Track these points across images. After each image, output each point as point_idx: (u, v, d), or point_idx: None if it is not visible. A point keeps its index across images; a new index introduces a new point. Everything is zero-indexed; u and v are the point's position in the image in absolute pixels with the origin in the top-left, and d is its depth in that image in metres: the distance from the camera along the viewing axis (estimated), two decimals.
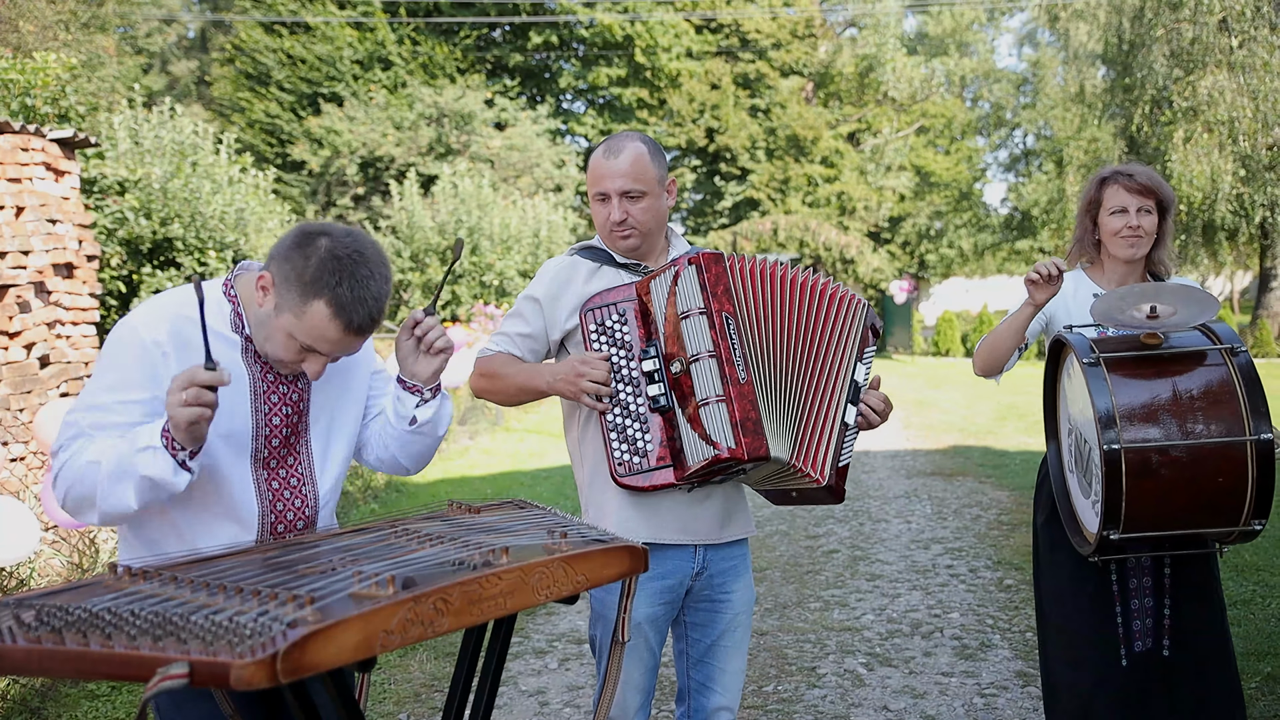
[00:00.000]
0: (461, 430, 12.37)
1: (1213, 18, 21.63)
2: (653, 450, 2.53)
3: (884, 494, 8.75)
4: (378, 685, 4.53)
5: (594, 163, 2.70)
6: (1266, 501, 2.63)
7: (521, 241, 20.22)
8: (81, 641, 1.45)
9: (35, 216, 6.14)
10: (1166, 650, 2.94)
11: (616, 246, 2.72)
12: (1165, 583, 2.96)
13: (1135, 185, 3.08)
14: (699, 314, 2.48)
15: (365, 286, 1.97)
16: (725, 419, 2.42)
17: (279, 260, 2.01)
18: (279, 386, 2.14)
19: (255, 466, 2.12)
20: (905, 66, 33.63)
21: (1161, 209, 3.12)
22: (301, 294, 1.97)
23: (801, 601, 5.66)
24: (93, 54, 18.31)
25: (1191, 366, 2.72)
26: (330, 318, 1.97)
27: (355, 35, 28.97)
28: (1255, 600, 5.34)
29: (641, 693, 2.73)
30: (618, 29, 30.88)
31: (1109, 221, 3.11)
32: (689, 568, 2.70)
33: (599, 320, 2.60)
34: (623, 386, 2.56)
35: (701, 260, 2.51)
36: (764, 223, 29.88)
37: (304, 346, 2.02)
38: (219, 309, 2.10)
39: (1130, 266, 3.16)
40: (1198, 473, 2.60)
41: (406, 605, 1.52)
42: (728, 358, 2.46)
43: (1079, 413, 2.84)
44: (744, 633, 2.82)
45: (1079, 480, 2.89)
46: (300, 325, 1.99)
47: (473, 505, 2.28)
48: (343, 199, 26.70)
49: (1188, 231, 23.99)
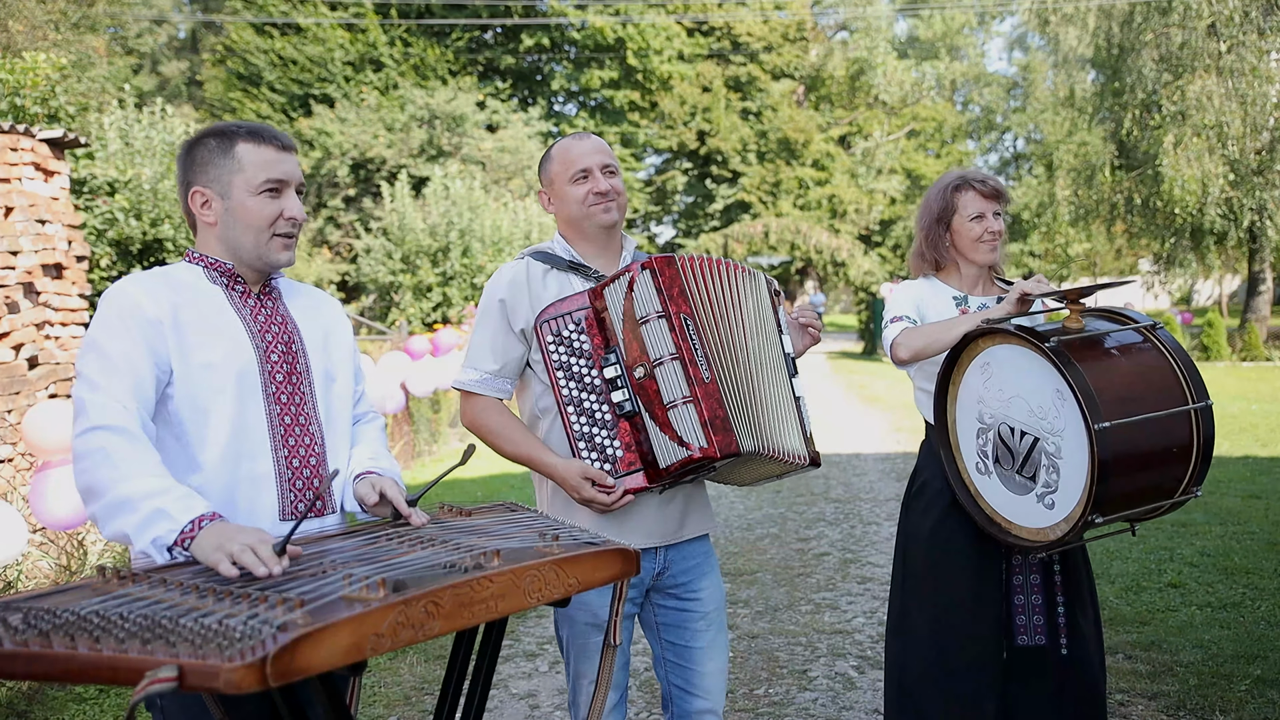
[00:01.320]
0: (452, 433, 12.36)
1: (1201, 23, 21.75)
2: (620, 455, 2.55)
3: (875, 497, 8.76)
4: (368, 688, 4.52)
5: (564, 148, 2.74)
6: (1205, 469, 2.66)
7: (513, 244, 20.20)
8: (69, 645, 1.43)
9: (24, 217, 6.11)
10: (1064, 649, 2.98)
11: (598, 220, 2.70)
12: (1055, 580, 3.00)
13: (989, 190, 3.10)
14: (658, 318, 2.49)
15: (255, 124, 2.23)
16: (695, 419, 2.45)
17: (193, 170, 2.20)
18: (270, 326, 2.22)
19: (267, 401, 2.16)
20: (896, 70, 33.74)
21: (1002, 211, 3.17)
22: (225, 156, 2.16)
23: (792, 604, 5.66)
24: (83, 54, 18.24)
25: (1127, 344, 2.75)
26: (257, 146, 2.17)
27: (347, 37, 28.95)
28: (1244, 603, 5.36)
29: (617, 689, 2.75)
30: (609, 32, 30.91)
31: (968, 228, 3.09)
32: (651, 568, 2.72)
33: (555, 331, 2.59)
34: (585, 395, 2.57)
35: (655, 264, 2.53)
36: (755, 225, 29.91)
37: (266, 188, 2.16)
38: (189, 275, 2.20)
39: (981, 270, 3.18)
40: (1161, 446, 2.62)
41: (397, 608, 1.51)
42: (690, 359, 2.48)
43: (1011, 404, 2.76)
44: (718, 631, 2.81)
45: (1003, 480, 2.81)
46: (247, 172, 2.16)
47: (464, 508, 2.28)
48: (334, 200, 26.67)
49: (1177, 235, 24.11)
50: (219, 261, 2.20)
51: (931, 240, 3.18)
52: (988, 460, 2.86)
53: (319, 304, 2.39)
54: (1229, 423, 12.31)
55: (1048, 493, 2.68)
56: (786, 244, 29.54)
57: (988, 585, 2.99)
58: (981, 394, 2.86)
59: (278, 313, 2.25)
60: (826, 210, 32.17)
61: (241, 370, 2.12)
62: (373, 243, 20.86)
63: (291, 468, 2.17)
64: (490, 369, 2.68)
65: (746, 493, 8.91)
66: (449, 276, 19.74)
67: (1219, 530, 6.94)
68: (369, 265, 20.75)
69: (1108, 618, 5.17)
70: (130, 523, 1.88)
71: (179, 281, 2.16)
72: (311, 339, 2.28)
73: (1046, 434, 2.66)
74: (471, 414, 2.72)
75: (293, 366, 2.22)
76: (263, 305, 2.23)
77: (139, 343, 2.02)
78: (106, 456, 1.92)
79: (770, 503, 8.50)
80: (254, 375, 2.14)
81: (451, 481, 9.87)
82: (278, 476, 2.14)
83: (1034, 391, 2.68)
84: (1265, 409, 13.76)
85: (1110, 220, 26.02)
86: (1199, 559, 6.22)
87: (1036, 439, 2.69)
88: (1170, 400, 2.63)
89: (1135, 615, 5.20)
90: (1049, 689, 2.98)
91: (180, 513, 1.88)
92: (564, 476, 2.57)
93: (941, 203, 3.14)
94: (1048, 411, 2.65)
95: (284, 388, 2.19)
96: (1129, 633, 4.95)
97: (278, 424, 2.16)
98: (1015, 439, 2.76)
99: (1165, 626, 5.02)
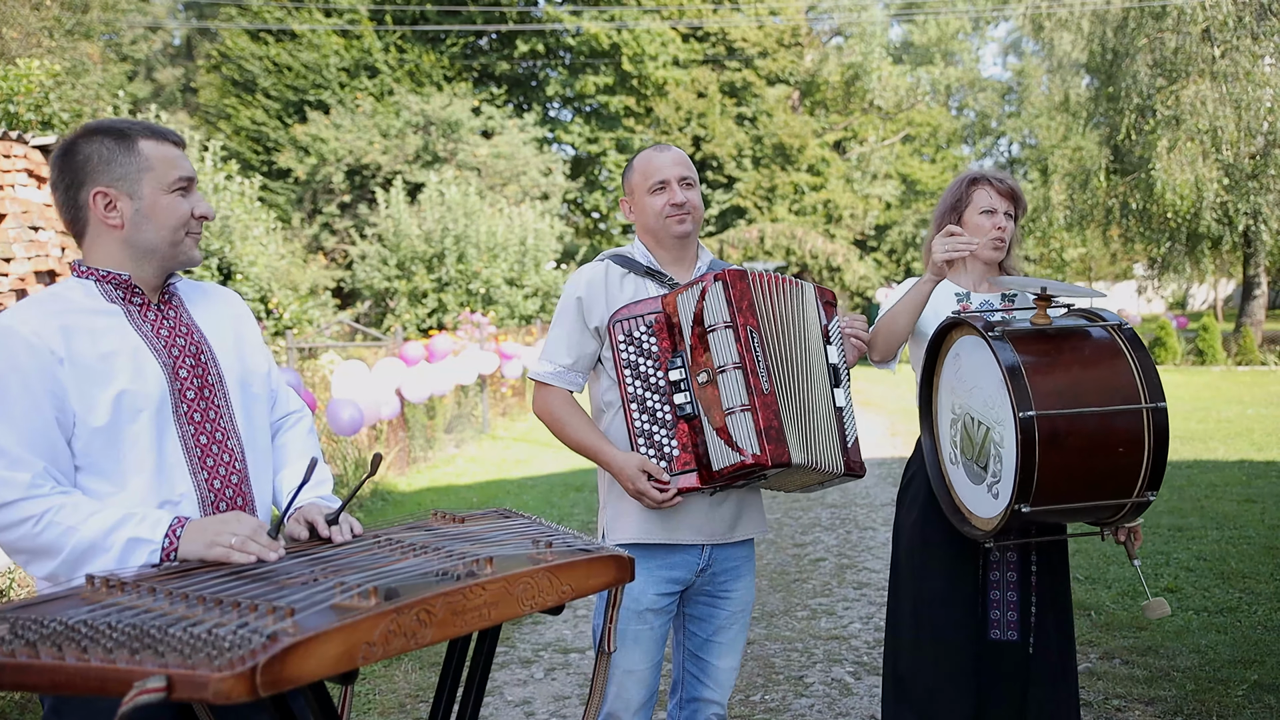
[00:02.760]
0: (448, 439, 12.33)
1: (1195, 27, 21.80)
2: (677, 455, 2.66)
3: (871, 502, 8.75)
4: (361, 696, 4.50)
5: (645, 159, 2.87)
6: (1160, 473, 2.66)
7: (508, 249, 20.21)
8: (57, 655, 1.42)
9: (17, 224, 6.09)
10: (1032, 648, 3.00)
11: (672, 231, 2.82)
12: (1031, 579, 3.02)
13: (1004, 189, 3.16)
14: (725, 327, 2.61)
15: (141, 121, 2.14)
16: (750, 427, 2.55)
17: (87, 171, 2.05)
18: (176, 339, 2.11)
19: (179, 423, 2.06)
20: (891, 75, 33.78)
21: (1017, 215, 3.21)
22: (129, 155, 2.06)
23: (789, 610, 5.64)
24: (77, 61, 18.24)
25: (1084, 340, 2.77)
26: (159, 144, 2.08)
27: (342, 43, 28.94)
28: (1241, 608, 5.35)
29: (646, 688, 2.80)
30: (604, 37, 30.93)
31: (978, 221, 3.14)
32: (695, 563, 2.82)
33: (626, 331, 2.73)
34: (649, 394, 2.70)
35: (727, 277, 2.64)
36: (750, 231, 29.94)
37: (177, 186, 2.08)
38: (82, 295, 2.05)
39: (989, 268, 3.23)
40: (1100, 442, 2.62)
41: (389, 616, 1.49)
42: (752, 369, 2.59)
43: (972, 394, 2.83)
44: (740, 631, 2.92)
45: (966, 469, 2.89)
46: (157, 170, 2.07)
47: (457, 514, 2.26)
48: (329, 206, 26.64)
49: (1172, 239, 24.14)
50: (112, 274, 2.07)
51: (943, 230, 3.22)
52: (956, 450, 2.93)
53: (222, 302, 2.29)
54: (1224, 427, 12.32)
55: (994, 482, 2.75)
56: (782, 249, 29.56)
57: (963, 579, 3.03)
58: (954, 384, 2.93)
59: (181, 322, 2.14)
60: (822, 215, 32.18)
61: (150, 395, 2.01)
62: (368, 249, 20.86)
63: (213, 489, 2.08)
64: (564, 363, 2.82)
65: None
66: (444, 283, 19.74)
67: (1215, 535, 6.93)
68: (364, 271, 20.74)
69: (1104, 623, 5.16)
70: (106, 561, 1.86)
71: (72, 305, 2.02)
72: (221, 344, 2.19)
73: (994, 424, 2.72)
74: (543, 402, 2.86)
75: (204, 380, 2.12)
76: (164, 317, 2.12)
77: (35, 390, 1.91)
78: (40, 520, 1.87)
79: (766, 508, 8.45)
80: (164, 398, 2.03)
81: (446, 487, 9.85)
82: (200, 501, 2.06)
83: (986, 382, 2.74)
84: (1260, 413, 13.77)
85: (1105, 225, 26.05)
86: (1195, 564, 6.22)
87: (988, 428, 2.75)
88: (1118, 398, 2.63)
89: (1131, 620, 5.19)
90: (1018, 686, 3.02)
91: (151, 532, 1.88)
92: (621, 467, 2.69)
93: (956, 194, 3.21)
94: (995, 401, 2.70)
95: (196, 405, 2.09)
96: (1125, 638, 4.95)
97: (193, 445, 2.07)
98: (975, 429, 2.83)
99: (1161, 632, 5.01)
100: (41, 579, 1.93)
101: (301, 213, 27.10)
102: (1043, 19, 25.62)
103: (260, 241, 13.48)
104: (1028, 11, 26.20)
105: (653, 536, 2.75)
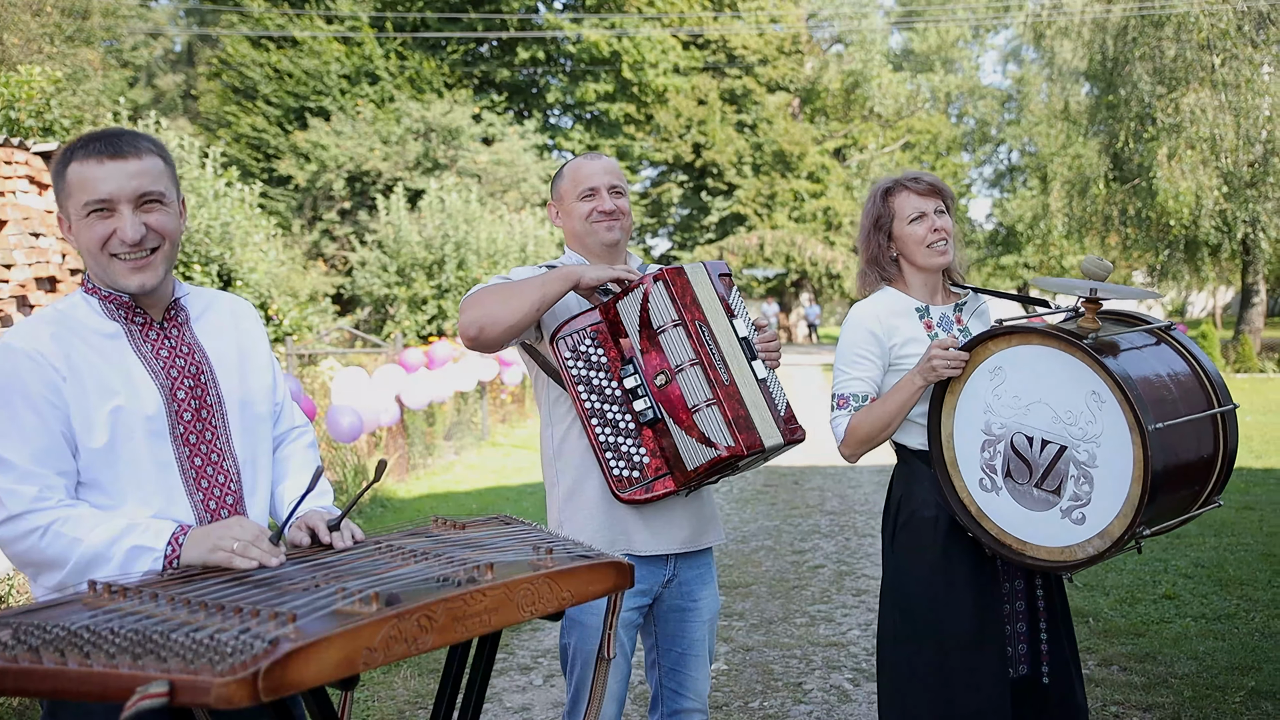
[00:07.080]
0: (447, 445, 12.33)
1: (1195, 36, 21.84)
2: (648, 462, 2.62)
3: (870, 509, 8.75)
4: (361, 702, 4.50)
5: (576, 166, 2.85)
6: (1228, 476, 2.58)
7: (509, 256, 20.19)
8: (59, 660, 1.43)
9: (18, 230, 6.11)
10: (1046, 677, 2.82)
11: (602, 238, 2.79)
12: (1039, 606, 2.84)
13: (923, 187, 2.86)
14: (674, 326, 2.58)
15: (98, 133, 2.04)
16: (720, 420, 2.53)
17: (57, 196, 2.06)
18: (175, 360, 2.11)
19: (175, 444, 2.06)
20: (891, 83, 33.85)
21: (949, 208, 2.91)
22: (62, 180, 2.02)
23: (787, 617, 5.65)
24: (78, 67, 18.26)
25: (1146, 345, 2.63)
26: (82, 163, 1.99)
27: (342, 50, 29.00)
28: (1239, 614, 5.36)
29: (616, 701, 2.81)
30: (605, 45, 30.99)
31: (911, 231, 2.84)
32: (661, 575, 2.80)
33: (572, 346, 2.66)
34: (607, 406, 2.63)
35: (666, 275, 2.61)
36: (750, 238, 29.97)
37: (87, 209, 1.99)
38: (86, 313, 2.06)
39: (935, 276, 2.93)
40: (1193, 449, 2.50)
41: (390, 622, 1.50)
42: (709, 362, 2.56)
43: (1029, 411, 2.58)
44: (711, 638, 2.94)
45: (1016, 495, 2.62)
46: (74, 196, 2.00)
47: (457, 521, 2.26)
48: (329, 213, 26.66)
49: (1171, 247, 24.16)
50: (114, 294, 2.06)
51: (874, 253, 2.93)
52: (996, 475, 2.65)
53: (231, 316, 2.27)
54: None
55: (1076, 506, 2.50)
56: (782, 256, 29.60)
57: (990, 620, 2.77)
58: (990, 402, 2.65)
59: (183, 342, 2.13)
60: (821, 223, 32.21)
61: (147, 416, 2.01)
62: (368, 255, 20.85)
63: (209, 510, 2.08)
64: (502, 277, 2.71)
65: (742, 505, 8.90)
66: (444, 289, 19.72)
67: (1213, 542, 6.94)
68: (364, 278, 20.74)
69: (1102, 629, 5.17)
70: (110, 570, 1.88)
71: (75, 323, 2.03)
72: (223, 364, 2.18)
73: (1076, 441, 2.49)
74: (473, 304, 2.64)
75: (202, 401, 2.11)
76: (166, 336, 2.11)
77: (40, 405, 1.93)
78: (46, 532, 1.89)
79: (765, 515, 8.49)
80: (160, 420, 2.03)
81: (446, 494, 9.85)
82: (197, 521, 2.05)
83: (1062, 395, 2.51)
84: (1259, 420, 13.77)
85: (1105, 232, 26.07)
86: (1193, 570, 6.22)
87: (1063, 447, 2.52)
88: (1199, 403, 2.52)
89: (1130, 627, 5.20)
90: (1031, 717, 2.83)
91: (154, 540, 1.90)
92: (572, 268, 2.61)
93: (875, 212, 2.91)
94: (1078, 416, 2.47)
95: (193, 427, 2.09)
96: (1123, 644, 4.95)
97: (189, 467, 2.07)
98: (1034, 449, 2.58)
99: (1160, 638, 5.01)
100: (50, 590, 1.94)
101: (302, 219, 27.12)
102: (1043, 27, 25.69)
103: (260, 248, 13.48)
104: (1028, 19, 26.28)
105: (612, 547, 2.66)
